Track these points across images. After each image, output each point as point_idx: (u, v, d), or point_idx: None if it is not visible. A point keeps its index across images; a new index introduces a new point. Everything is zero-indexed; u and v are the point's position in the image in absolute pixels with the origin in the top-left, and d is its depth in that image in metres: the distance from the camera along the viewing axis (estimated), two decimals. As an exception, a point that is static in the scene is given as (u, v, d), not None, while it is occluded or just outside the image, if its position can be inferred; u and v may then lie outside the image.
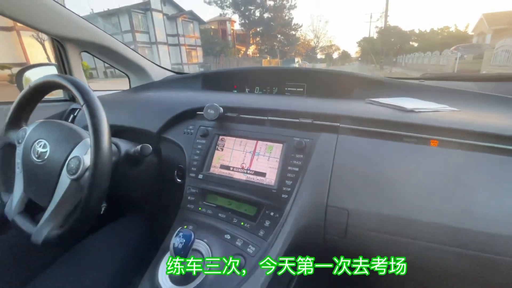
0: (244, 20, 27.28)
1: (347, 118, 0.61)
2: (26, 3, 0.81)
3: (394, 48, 21.13)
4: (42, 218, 0.59)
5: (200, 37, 24.78)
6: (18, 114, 0.69)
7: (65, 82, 0.58)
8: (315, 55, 39.96)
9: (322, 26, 39.85)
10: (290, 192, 0.57)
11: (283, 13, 26.98)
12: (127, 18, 18.34)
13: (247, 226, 0.58)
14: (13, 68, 12.37)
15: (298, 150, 0.60)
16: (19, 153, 0.65)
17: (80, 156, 0.56)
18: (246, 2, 25.63)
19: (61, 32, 0.92)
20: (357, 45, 36.67)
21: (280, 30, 28.10)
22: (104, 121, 0.55)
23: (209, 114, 0.69)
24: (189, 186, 0.67)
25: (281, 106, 0.69)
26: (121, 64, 1.19)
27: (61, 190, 0.57)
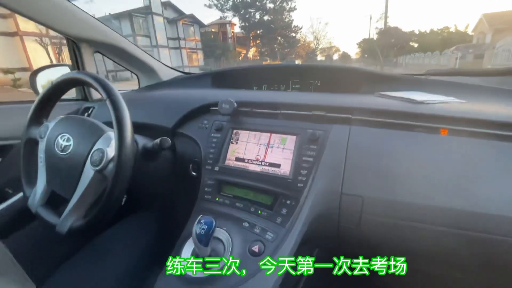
0: (244, 23, 27.43)
1: (358, 110, 0.63)
2: (45, 5, 0.83)
3: (395, 48, 21.19)
4: (66, 208, 0.61)
5: (200, 40, 24.96)
6: (40, 111, 0.71)
7: (88, 79, 0.61)
8: (315, 56, 40.06)
9: (322, 28, 40.00)
10: (305, 181, 0.59)
11: (283, 16, 27.13)
12: (128, 22, 18.49)
13: (264, 214, 0.60)
14: (16, 72, 12.51)
15: (312, 141, 0.62)
16: (42, 148, 0.67)
17: (103, 149, 0.59)
18: (246, 5, 25.80)
19: (77, 32, 0.95)
20: (357, 46, 36.74)
21: (280, 32, 28.23)
22: (127, 115, 0.57)
23: (224, 109, 0.72)
24: (206, 178, 0.69)
25: (293, 100, 0.71)
26: (132, 64, 1.22)
27: (85, 182, 0.60)
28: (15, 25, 12.64)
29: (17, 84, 12.54)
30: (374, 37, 26.89)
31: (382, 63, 18.75)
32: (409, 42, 22.35)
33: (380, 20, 24.61)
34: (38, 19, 0.83)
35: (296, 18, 44.10)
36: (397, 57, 21.95)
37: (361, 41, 29.12)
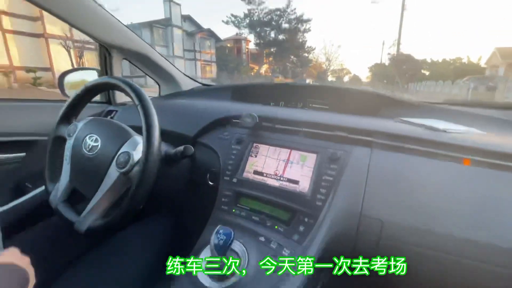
0: (259, 40, 28.25)
1: (380, 134, 0.64)
2: (83, 12, 0.89)
3: (406, 75, 21.35)
4: (87, 207, 0.63)
5: (215, 54, 25.71)
6: (70, 111, 0.75)
7: (123, 84, 0.64)
8: (327, 77, 40.62)
9: (335, 50, 40.67)
10: (324, 200, 0.59)
11: (297, 36, 27.87)
12: (148, 32, 19.25)
13: (281, 230, 0.60)
14: (37, 71, 13.06)
15: (333, 161, 0.63)
16: (69, 146, 0.70)
17: (129, 152, 0.60)
18: (262, 24, 26.67)
19: (110, 40, 1.01)
20: (369, 70, 37.15)
21: (293, 52, 28.90)
22: (156, 121, 0.59)
23: (246, 122, 0.73)
24: (224, 189, 0.70)
25: (314, 118, 0.73)
26: (155, 73, 1.27)
27: (108, 182, 0.61)
28: (42, 27, 13.32)
29: (37, 82, 13.06)
30: (386, 62, 27.23)
31: (393, 88, 18.84)
32: (421, 70, 22.53)
33: (393, 46, 24.99)
34: (77, 26, 0.89)
35: (309, 39, 45.21)
36: (408, 84, 22.07)
37: (372, 65, 29.51)
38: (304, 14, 26.80)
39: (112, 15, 0.98)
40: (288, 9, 25.96)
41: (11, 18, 12.69)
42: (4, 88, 11.95)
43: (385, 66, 25.66)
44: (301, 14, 26.44)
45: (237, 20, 26.50)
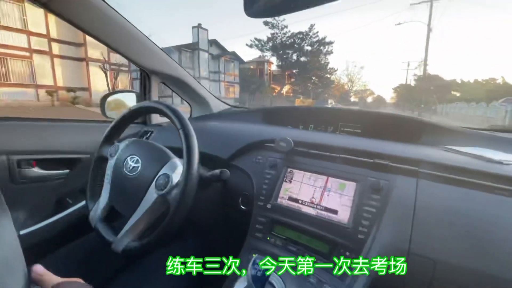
0: (281, 62, 28.98)
1: (427, 163, 0.60)
2: (130, 41, 0.96)
3: (434, 96, 20.56)
4: (124, 228, 0.64)
5: (238, 75, 26.69)
6: (114, 132, 0.79)
7: (165, 109, 0.67)
8: (349, 98, 40.23)
9: (357, 71, 40.53)
10: (367, 233, 0.55)
11: (319, 58, 28.26)
12: (176, 55, 20.54)
13: (320, 264, 0.56)
14: (76, 91, 14.32)
15: (375, 191, 0.59)
16: (110, 166, 0.73)
17: (169, 174, 0.62)
18: (284, 47, 27.47)
19: (150, 65, 1.08)
20: (393, 91, 36.35)
21: (315, 73, 29.19)
22: (196, 146, 0.61)
23: (280, 147, 0.73)
24: (257, 215, 0.68)
25: (353, 145, 0.70)
26: (188, 95, 1.32)
27: (146, 204, 0.62)
28: (84, 52, 14.77)
29: (75, 101, 14.28)
30: (411, 83, 26.54)
31: (420, 110, 18.15)
32: (451, 91, 21.60)
33: (418, 67, 24.43)
34: (123, 53, 0.96)
35: (332, 60, 45.67)
36: (436, 105, 21.17)
37: (397, 86, 28.87)
38: (326, 36, 27.24)
39: (153, 42, 1.06)
40: (310, 32, 26.64)
41: (60, 44, 14.24)
42: (48, 106, 13.18)
43: (410, 87, 24.98)
44: (323, 36, 26.95)
45: (260, 43, 27.58)
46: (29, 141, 0.89)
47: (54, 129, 0.98)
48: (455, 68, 48.91)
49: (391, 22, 57.22)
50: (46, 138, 0.93)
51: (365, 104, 42.12)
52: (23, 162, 0.85)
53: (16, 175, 0.84)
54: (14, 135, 0.86)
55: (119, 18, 0.86)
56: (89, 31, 0.81)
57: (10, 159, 0.82)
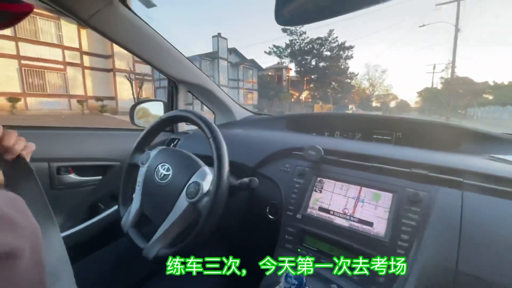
0: (299, 68, 28.91)
1: (474, 174, 0.55)
2: (158, 51, 1.00)
3: (464, 100, 19.40)
4: (155, 235, 0.65)
5: (257, 82, 26.96)
6: (145, 140, 0.81)
7: (195, 118, 0.68)
8: (371, 103, 39.10)
9: (379, 76, 39.38)
10: (407, 248, 0.52)
11: (338, 63, 27.87)
12: (198, 64, 21.17)
13: (356, 279, 0.53)
14: (104, 100, 15.20)
15: (414, 203, 0.56)
16: (142, 173, 0.75)
17: (199, 182, 0.62)
18: (303, 53, 27.42)
19: (178, 75, 1.11)
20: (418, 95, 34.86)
21: (334, 78, 28.77)
22: (226, 154, 0.61)
23: (310, 155, 0.71)
24: (287, 225, 0.67)
25: (387, 153, 0.67)
26: (212, 103, 1.35)
27: (177, 211, 0.63)
28: (112, 63, 15.69)
29: (103, 109, 15.14)
30: (438, 86, 25.32)
31: (448, 115, 17.19)
32: (482, 94, 20.29)
33: (445, 69, 23.27)
34: (153, 63, 1.00)
35: (352, 64, 44.80)
36: (466, 109, 19.96)
37: (422, 90, 27.68)
38: (346, 41, 26.93)
39: (181, 52, 1.09)
40: (329, 38, 26.42)
41: (90, 57, 15.25)
42: (79, 114, 14.08)
43: (437, 91, 23.81)
44: (343, 41, 26.63)
45: (278, 50, 27.76)
46: (67, 148, 0.94)
47: (88, 137, 1.04)
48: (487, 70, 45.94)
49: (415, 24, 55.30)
50: (81, 146, 0.98)
51: (387, 109, 40.73)
52: (62, 168, 0.90)
53: (56, 181, 0.89)
54: (54, 142, 0.92)
55: (150, 31, 0.90)
56: (124, 44, 0.86)
57: (50, 166, 0.87)
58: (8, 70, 12.33)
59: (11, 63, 12.37)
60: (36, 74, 13.29)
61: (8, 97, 11.94)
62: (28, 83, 13.01)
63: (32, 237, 0.25)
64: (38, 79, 13.38)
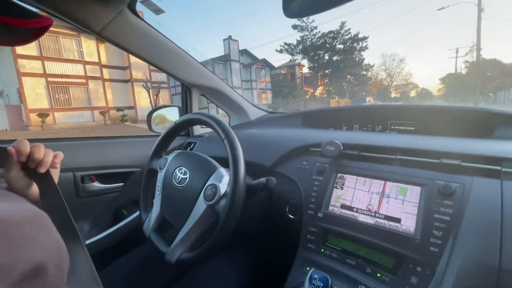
0: (313, 63, 28.47)
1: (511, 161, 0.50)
2: (170, 58, 1.01)
3: (492, 83, 18.13)
4: (176, 238, 0.65)
5: (270, 81, 26.88)
6: (162, 145, 0.82)
7: (210, 120, 0.67)
8: (389, 94, 37.67)
9: (396, 65, 37.82)
10: (441, 246, 0.48)
11: (353, 55, 27.12)
12: (210, 68, 21.47)
13: (386, 280, 0.50)
14: (124, 110, 15.85)
15: (446, 196, 0.51)
16: (160, 178, 0.75)
17: (216, 184, 0.61)
18: (315, 48, 26.96)
19: (191, 79, 1.12)
20: (440, 82, 33.13)
21: (349, 71, 28.04)
22: (242, 155, 0.60)
23: (328, 151, 0.68)
24: (308, 224, 0.65)
25: (412, 144, 0.63)
26: (226, 105, 1.34)
27: (196, 214, 0.63)
28: (129, 74, 16.32)
29: (124, 119, 15.79)
30: (462, 71, 23.91)
31: (476, 100, 16.15)
32: (513, 75, 18.86)
33: (470, 52, 21.88)
34: (165, 69, 1.01)
35: (367, 56, 43.22)
36: (496, 93, 18.64)
37: (445, 76, 26.26)
38: (359, 32, 26.21)
39: (192, 57, 1.10)
40: (342, 30, 25.79)
41: (109, 70, 15.98)
42: (101, 125, 14.78)
43: (461, 76, 22.48)
44: (356, 33, 25.95)
45: (290, 47, 27.49)
46: (90, 157, 0.97)
47: (109, 145, 1.07)
48: (516, 49, 42.49)
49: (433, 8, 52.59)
50: (103, 154, 1.01)
51: (408, 99, 39.06)
52: (86, 177, 0.94)
53: (80, 189, 0.92)
54: (77, 152, 0.95)
55: (161, 37, 0.91)
56: (136, 52, 0.87)
57: (75, 175, 0.91)
58: (37, 88, 13.21)
59: (39, 81, 13.25)
60: (62, 89, 14.13)
61: (38, 112, 12.78)
62: (55, 98, 13.86)
63: (55, 252, 0.26)
64: (64, 94, 14.21)
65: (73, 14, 0.69)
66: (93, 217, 0.97)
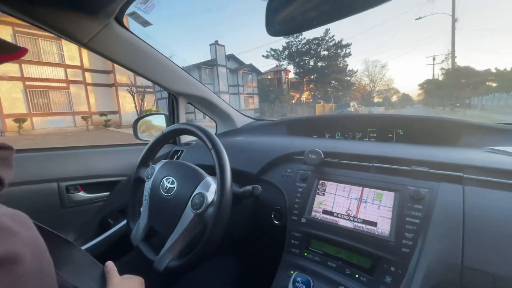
0: (298, 69, 29.01)
1: (474, 168, 0.56)
2: (156, 67, 1.02)
3: (467, 89, 19.17)
4: (164, 247, 0.66)
5: (257, 86, 27.09)
6: (149, 154, 0.83)
7: (196, 130, 0.70)
8: (372, 99, 38.89)
9: (379, 71, 39.26)
10: (412, 246, 0.52)
11: (337, 61, 27.88)
12: (196, 72, 21.38)
13: (363, 280, 0.54)
14: (108, 115, 15.42)
15: (416, 201, 0.56)
16: (148, 187, 0.76)
17: (203, 193, 0.63)
18: (301, 54, 27.53)
19: (178, 88, 1.13)
20: (419, 88, 34.61)
21: (334, 77, 28.78)
22: (228, 164, 0.62)
23: (310, 159, 0.72)
24: (292, 229, 0.68)
25: (387, 152, 0.68)
26: (213, 112, 1.37)
27: (184, 223, 0.64)
28: (113, 78, 15.95)
29: (107, 124, 15.35)
30: (439, 77, 25.12)
31: (452, 105, 16.98)
32: (485, 82, 20.04)
33: (446, 60, 23.08)
34: (152, 79, 1.02)
35: (351, 62, 44.60)
36: (470, 98, 19.70)
37: (424, 82, 27.48)
38: (343, 39, 27.00)
39: (178, 66, 1.12)
40: (326, 37, 26.49)
41: (92, 73, 15.55)
42: (84, 130, 14.30)
43: (439, 82, 23.62)
44: (340, 39, 26.70)
45: (276, 53, 27.92)
46: (75, 167, 0.96)
47: (94, 154, 1.06)
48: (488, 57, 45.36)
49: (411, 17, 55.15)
50: (88, 163, 1.01)
51: (390, 104, 40.43)
52: (71, 187, 0.93)
53: (65, 200, 0.91)
54: (62, 162, 0.94)
55: (148, 48, 0.92)
56: (123, 63, 0.88)
57: (60, 186, 0.90)
58: (13, 92, 12.63)
59: (16, 85, 12.68)
60: (41, 94, 13.58)
61: (15, 118, 12.20)
62: (34, 103, 13.30)
63: (33, 245, 0.27)
64: (43, 99, 13.66)
65: (59, 26, 0.69)
66: (79, 227, 0.96)
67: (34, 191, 0.85)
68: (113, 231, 0.99)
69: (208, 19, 70.99)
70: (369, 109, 31.59)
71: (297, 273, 0.51)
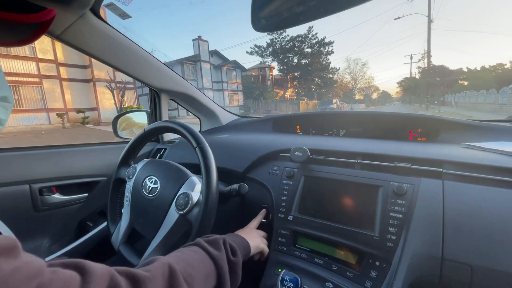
0: (282, 66, 29.15)
1: (452, 164, 0.58)
2: (136, 62, 0.98)
3: (441, 87, 20.16)
4: (147, 250, 0.63)
5: (241, 83, 26.95)
6: (130, 153, 0.79)
7: (180, 128, 0.67)
8: (354, 96, 39.92)
9: (360, 69, 40.34)
10: (395, 241, 0.53)
11: (320, 59, 28.29)
12: (179, 68, 20.91)
13: (350, 275, 0.55)
14: (85, 112, 14.73)
15: (399, 196, 0.58)
16: (129, 188, 0.73)
17: (188, 193, 0.61)
18: (284, 51, 27.65)
19: (159, 84, 1.09)
20: (398, 86, 35.96)
21: (317, 74, 29.20)
22: (214, 163, 0.61)
23: (296, 156, 0.72)
24: (279, 228, 0.68)
25: (371, 149, 0.69)
26: (197, 109, 1.33)
27: (168, 224, 0.62)
28: (91, 73, 15.23)
29: (85, 121, 14.68)
30: (416, 76, 26.20)
31: (428, 102, 17.81)
32: (458, 81, 21.17)
33: (422, 59, 24.10)
34: (133, 75, 0.98)
35: (333, 60, 45.52)
36: (444, 96, 20.75)
37: (402, 80, 28.57)
38: (326, 37, 27.39)
39: (160, 61, 1.07)
40: (309, 35, 26.78)
41: (67, 68, 14.74)
42: (59, 128, 13.59)
43: (416, 80, 24.65)
44: (323, 37, 27.06)
45: (260, 50, 27.86)
46: (49, 168, 0.91)
47: (70, 154, 1.00)
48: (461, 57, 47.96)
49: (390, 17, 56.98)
50: (64, 164, 0.95)
51: (370, 101, 41.70)
52: (44, 189, 0.87)
53: (39, 202, 0.85)
54: (34, 163, 0.88)
55: (127, 41, 0.88)
56: (100, 57, 0.84)
57: (32, 188, 0.84)
58: (-21, 87, 11.73)
59: (-19, 80, 11.78)
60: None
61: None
62: (2, 99, 12.43)
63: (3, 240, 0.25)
64: (13, 95, 12.80)
65: None
66: (54, 231, 0.91)
67: (3, 194, 0.79)
68: (93, 234, 0.94)
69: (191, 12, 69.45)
70: (350, 106, 32.45)
71: (285, 271, 0.51)
